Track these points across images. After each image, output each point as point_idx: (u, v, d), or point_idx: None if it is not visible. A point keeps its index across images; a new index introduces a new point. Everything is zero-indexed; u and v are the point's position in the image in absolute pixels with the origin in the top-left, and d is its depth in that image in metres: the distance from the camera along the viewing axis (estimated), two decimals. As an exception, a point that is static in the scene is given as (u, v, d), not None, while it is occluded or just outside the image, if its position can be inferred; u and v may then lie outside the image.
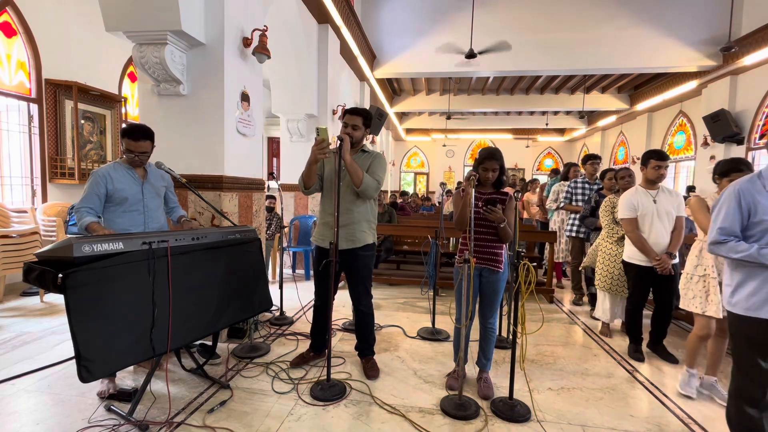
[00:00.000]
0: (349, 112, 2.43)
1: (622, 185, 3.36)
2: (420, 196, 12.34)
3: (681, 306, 2.51)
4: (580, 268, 4.09)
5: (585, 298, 4.30)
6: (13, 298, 3.92)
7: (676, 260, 2.85)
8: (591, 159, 4.44)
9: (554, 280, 4.93)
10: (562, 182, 4.93)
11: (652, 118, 10.24)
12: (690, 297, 2.43)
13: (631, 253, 2.93)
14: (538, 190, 6.32)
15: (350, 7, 5.63)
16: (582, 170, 4.64)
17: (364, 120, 2.45)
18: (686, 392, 2.39)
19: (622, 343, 3.21)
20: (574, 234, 4.26)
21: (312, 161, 2.33)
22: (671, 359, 2.88)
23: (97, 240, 1.73)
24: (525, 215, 6.54)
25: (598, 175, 4.34)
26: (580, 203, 4.31)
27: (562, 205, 4.54)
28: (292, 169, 5.66)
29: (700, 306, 2.36)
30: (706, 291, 2.35)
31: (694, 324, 2.45)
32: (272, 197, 4.89)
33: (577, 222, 4.22)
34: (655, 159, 2.88)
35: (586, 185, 4.39)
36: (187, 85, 2.89)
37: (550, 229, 5.01)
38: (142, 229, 2.30)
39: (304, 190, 2.48)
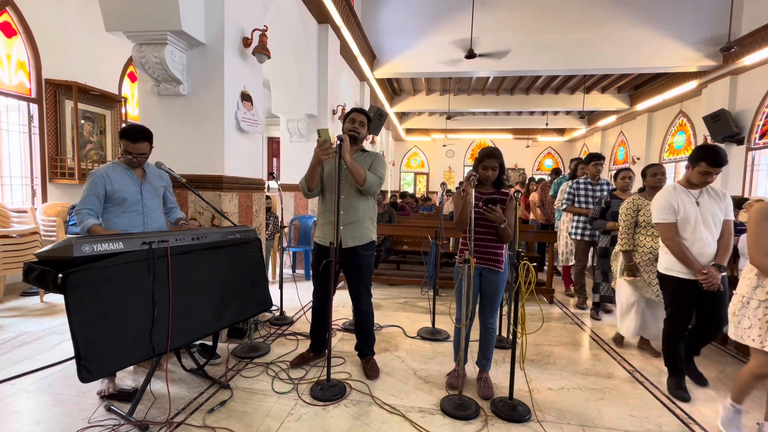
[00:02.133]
0: (356, 111, 2.51)
1: (621, 186, 3.23)
2: (419, 196, 12.33)
3: (730, 335, 2.04)
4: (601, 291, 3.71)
5: (589, 302, 4.18)
6: (13, 298, 3.92)
7: (725, 273, 2.34)
8: (594, 159, 4.20)
9: (552, 283, 4.91)
10: (569, 181, 4.67)
11: (652, 118, 10.24)
12: (745, 326, 1.94)
13: (669, 264, 2.40)
14: (539, 190, 6.19)
15: (350, 7, 5.63)
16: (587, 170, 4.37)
17: (368, 120, 2.53)
18: (729, 431, 2.00)
19: (623, 343, 3.21)
20: (579, 237, 4.09)
21: (315, 163, 2.33)
22: (701, 381, 2.46)
23: (97, 240, 1.73)
24: (531, 216, 6.25)
25: (600, 175, 4.18)
26: (583, 205, 4.13)
27: (564, 206, 4.31)
28: (292, 169, 5.67)
29: (759, 339, 1.89)
30: None
31: (751, 358, 1.99)
32: (267, 197, 4.89)
33: (581, 224, 4.05)
34: (708, 164, 2.25)
35: (589, 186, 4.20)
36: (187, 85, 2.89)
37: (559, 230, 4.71)
38: (141, 230, 2.30)
39: (307, 193, 2.47)
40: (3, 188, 4.34)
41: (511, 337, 2.40)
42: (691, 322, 2.46)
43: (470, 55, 6.49)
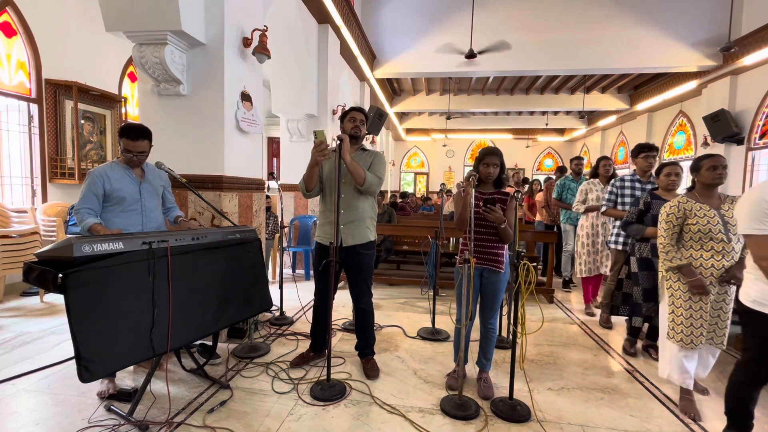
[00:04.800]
0: (355, 109, 2.52)
1: (664, 184, 2.77)
2: (419, 196, 12.33)
3: None
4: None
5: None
6: (13, 298, 3.92)
7: None
8: (645, 150, 3.32)
9: (552, 283, 4.90)
10: (592, 180, 4.06)
11: (652, 118, 10.24)
12: None
13: (763, 296, 1.69)
14: (544, 190, 6.07)
15: (350, 7, 5.63)
16: (633, 165, 3.57)
17: (366, 118, 2.55)
18: None
19: (618, 337, 3.21)
20: (620, 247, 3.29)
21: (313, 164, 2.34)
22: None
23: (97, 240, 1.73)
24: (538, 217, 6.00)
25: (653, 171, 3.27)
26: (627, 207, 3.29)
27: (603, 209, 3.51)
28: (292, 169, 5.67)
29: None
30: None
31: None
32: (267, 197, 4.88)
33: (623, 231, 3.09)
34: None
35: (637, 184, 3.39)
36: (187, 85, 2.89)
37: (577, 236, 4.12)
38: (139, 229, 2.30)
39: (306, 193, 2.48)
40: (3, 188, 4.34)
41: (511, 337, 2.40)
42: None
43: (470, 55, 6.50)
